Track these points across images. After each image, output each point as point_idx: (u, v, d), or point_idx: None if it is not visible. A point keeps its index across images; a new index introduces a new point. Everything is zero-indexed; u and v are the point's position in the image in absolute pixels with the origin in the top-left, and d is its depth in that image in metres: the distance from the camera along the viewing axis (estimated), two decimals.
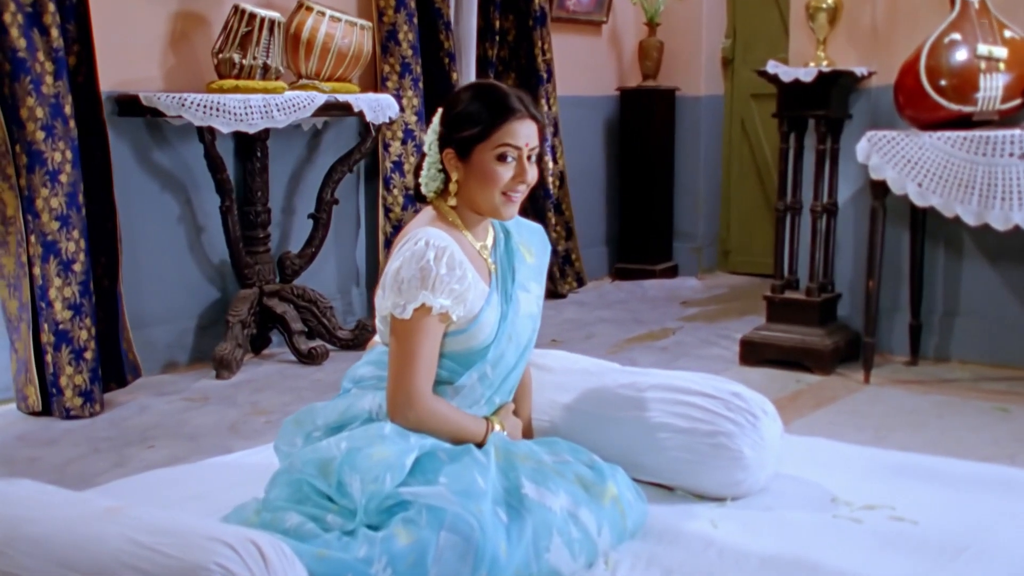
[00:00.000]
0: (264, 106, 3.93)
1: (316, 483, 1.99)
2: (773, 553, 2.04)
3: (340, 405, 2.17)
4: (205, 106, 3.80)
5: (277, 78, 4.08)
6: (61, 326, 3.51)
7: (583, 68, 6.20)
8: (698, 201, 6.61)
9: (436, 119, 2.14)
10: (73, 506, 1.74)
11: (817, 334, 4.18)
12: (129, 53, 3.97)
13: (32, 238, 3.47)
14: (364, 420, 2.12)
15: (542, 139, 2.16)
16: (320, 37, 4.18)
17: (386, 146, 4.84)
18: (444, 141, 2.11)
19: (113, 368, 3.78)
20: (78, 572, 1.58)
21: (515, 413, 2.35)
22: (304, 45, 4.19)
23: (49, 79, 3.47)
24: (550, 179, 5.71)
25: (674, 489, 2.37)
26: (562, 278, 5.83)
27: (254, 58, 3.95)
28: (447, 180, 2.13)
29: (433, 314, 2.02)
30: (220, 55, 3.95)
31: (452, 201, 2.12)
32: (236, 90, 3.92)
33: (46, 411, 3.55)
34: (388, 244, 4.76)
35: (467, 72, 5.33)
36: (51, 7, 3.47)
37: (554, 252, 5.75)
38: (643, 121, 6.35)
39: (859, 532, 2.16)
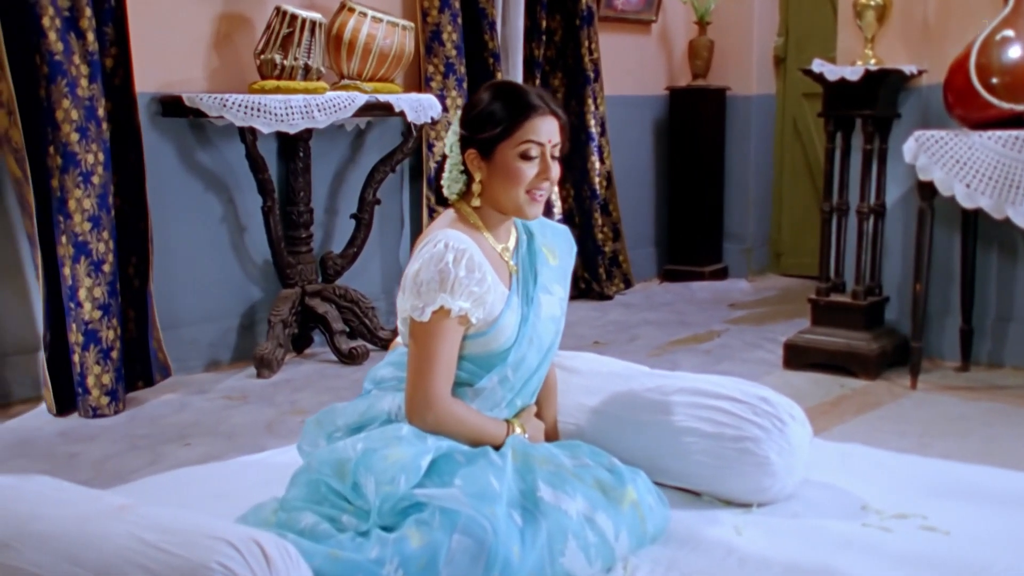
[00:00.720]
0: (305, 107, 3.95)
1: (333, 483, 2.00)
2: (796, 561, 2.00)
3: (360, 406, 2.16)
4: (246, 107, 3.83)
5: (319, 79, 4.09)
6: (90, 326, 3.55)
7: (632, 67, 6.15)
8: (749, 202, 6.53)
9: (455, 120, 2.13)
10: (84, 503, 1.75)
11: (863, 338, 4.09)
12: (173, 55, 4.01)
13: (64, 238, 3.51)
14: (383, 421, 2.12)
15: (564, 136, 2.13)
16: (362, 38, 4.19)
17: (430, 146, 4.85)
18: (466, 142, 2.09)
19: (142, 367, 3.82)
20: (85, 569, 1.59)
21: (539, 415, 2.33)
22: (346, 46, 4.20)
23: (84, 82, 3.52)
24: (596, 179, 5.67)
25: (700, 494, 2.34)
26: (609, 280, 5.79)
27: (295, 59, 3.97)
28: (469, 182, 2.12)
29: (452, 317, 2.01)
30: (262, 56, 3.98)
31: (476, 202, 2.11)
32: (277, 91, 3.95)
33: (65, 410, 3.59)
34: None
35: (514, 72, 5.32)
36: (88, 11, 3.52)
37: (601, 253, 5.71)
38: (693, 121, 6.28)
39: (887, 541, 2.10)
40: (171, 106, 3.91)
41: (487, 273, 2.04)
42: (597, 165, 5.67)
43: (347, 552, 1.83)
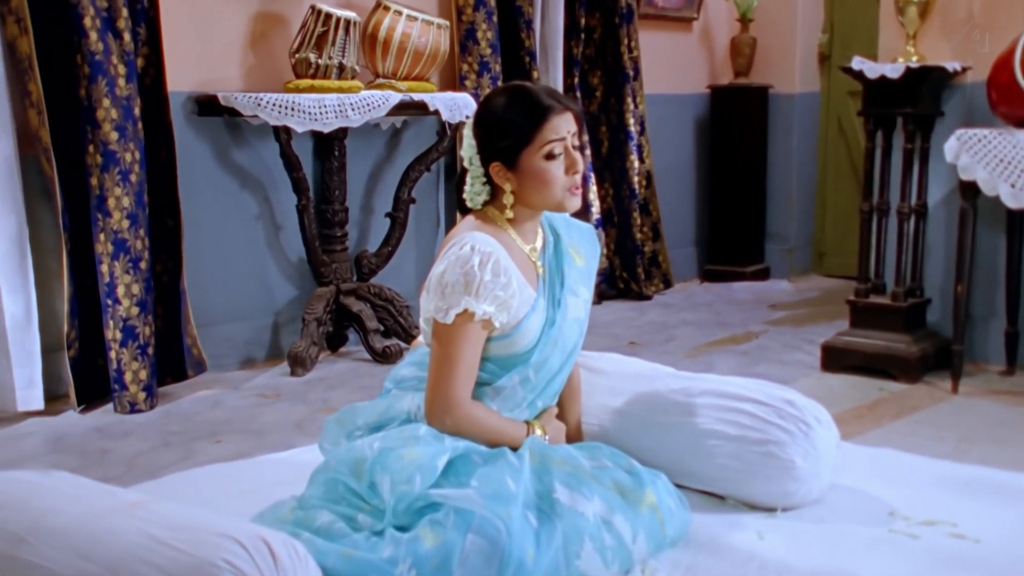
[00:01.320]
0: (339, 105, 3.96)
1: (350, 482, 2.00)
2: (818, 567, 1.96)
3: (380, 405, 2.16)
4: (280, 105, 3.85)
5: (353, 77, 4.10)
6: (128, 322, 3.59)
7: (672, 65, 6.10)
8: (791, 202, 6.44)
9: (468, 132, 2.09)
10: (98, 499, 1.76)
11: (903, 340, 4.02)
12: (209, 54, 4.05)
13: (102, 236, 3.55)
14: (403, 421, 2.11)
15: (580, 125, 2.11)
16: (397, 36, 4.19)
17: None
18: (487, 155, 2.07)
19: (174, 363, 3.85)
20: (95, 564, 1.59)
21: (561, 417, 2.31)
22: (381, 44, 4.21)
23: (122, 81, 3.56)
24: (636, 179, 5.63)
25: (725, 498, 2.30)
26: (648, 279, 5.75)
27: (330, 58, 3.98)
28: (493, 191, 2.10)
29: (475, 320, 1.99)
30: (297, 55, 4.00)
31: (509, 213, 2.09)
32: (312, 90, 3.96)
33: (93, 406, 3.62)
34: None
35: (553, 70, 5.30)
36: (124, 12, 3.56)
37: (640, 253, 5.67)
38: (734, 119, 6.21)
39: (914, 548, 2.06)
40: (207, 105, 3.94)
41: (512, 277, 2.03)
42: (636, 164, 5.63)
43: (361, 551, 1.83)
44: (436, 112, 4.33)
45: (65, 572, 1.61)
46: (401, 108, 4.22)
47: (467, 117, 4.51)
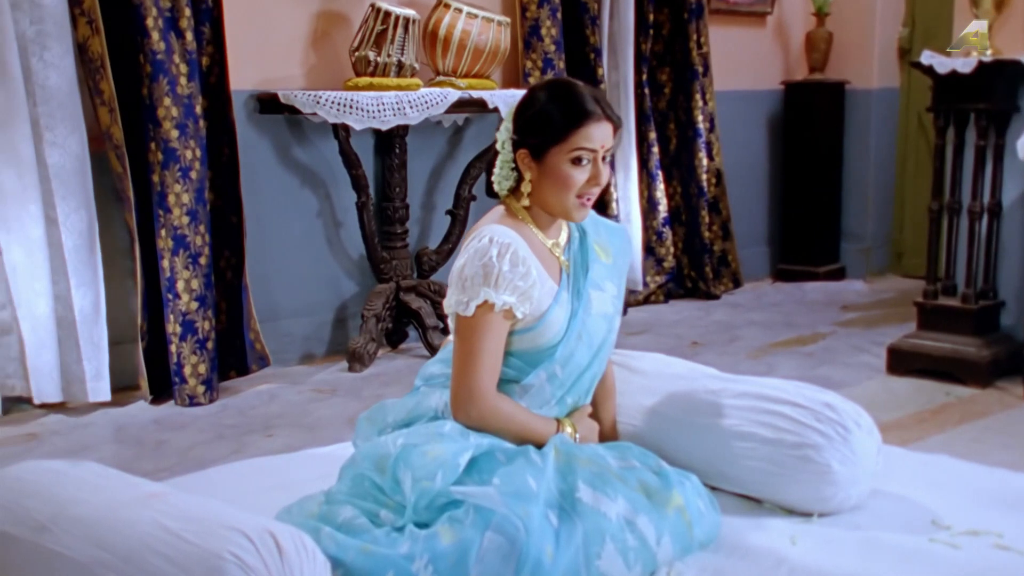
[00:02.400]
0: (397, 103, 3.98)
1: (375, 478, 2.01)
2: (850, 575, 1.90)
3: (409, 403, 2.17)
4: (339, 103, 3.88)
5: (413, 75, 4.12)
6: (187, 316, 3.66)
7: (745, 61, 6.00)
8: (868, 200, 6.28)
9: (508, 117, 2.11)
10: (120, 490, 1.79)
11: (973, 344, 3.88)
12: (272, 53, 4.10)
13: (163, 232, 3.63)
14: (430, 418, 2.12)
15: (616, 136, 2.09)
16: (457, 34, 4.20)
17: None
18: (518, 142, 2.08)
19: (237, 358, 3.91)
20: (110, 553, 1.62)
21: (596, 416, 2.28)
22: (441, 42, 4.21)
23: (183, 80, 3.62)
24: (704, 177, 5.54)
25: (762, 502, 2.25)
26: (716, 279, 5.66)
27: (388, 56, 4.00)
28: (520, 179, 2.10)
29: (496, 311, 2.00)
30: (356, 53, 4.03)
31: (525, 202, 2.10)
32: (371, 87, 3.99)
33: (161, 398, 3.70)
34: None
35: (624, 67, 5.26)
36: (187, 11, 3.63)
37: (708, 252, 5.59)
38: (809, 116, 6.08)
39: (954, 559, 1.99)
40: (268, 103, 3.99)
41: (532, 267, 2.03)
42: (705, 162, 5.54)
43: (380, 547, 1.83)
44: (495, 109, 4.32)
45: (82, 560, 1.64)
46: (460, 105, 4.22)
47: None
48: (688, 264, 5.60)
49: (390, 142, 4.29)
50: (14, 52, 3.33)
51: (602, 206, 5.07)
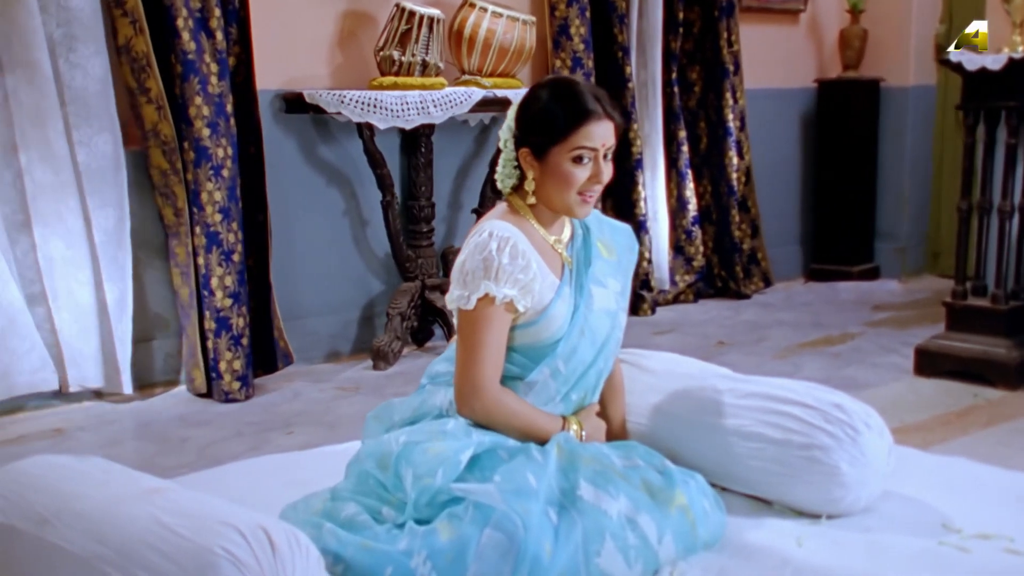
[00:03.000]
0: (420, 102, 3.99)
1: (378, 476, 2.02)
2: None
3: (415, 401, 2.19)
4: (363, 103, 3.90)
5: (438, 74, 4.13)
6: (222, 313, 3.70)
7: (778, 59, 5.94)
8: (903, 199, 6.20)
9: (511, 115, 2.13)
10: (122, 485, 1.81)
11: (1003, 345, 3.82)
12: (299, 52, 4.13)
13: (197, 229, 3.67)
14: (435, 416, 2.13)
15: (618, 135, 2.10)
16: (482, 33, 4.20)
17: None
18: (520, 140, 2.09)
19: (265, 355, 3.94)
20: (107, 547, 1.64)
21: (604, 415, 2.28)
22: (467, 41, 4.22)
23: (214, 79, 3.66)
24: (734, 175, 5.50)
25: (772, 503, 2.23)
26: (747, 278, 5.61)
27: (413, 55, 4.01)
28: (522, 176, 2.11)
29: (497, 304, 2.01)
30: (381, 53, 4.05)
31: (531, 199, 2.11)
32: (395, 87, 4.01)
33: (210, 393, 3.75)
34: None
35: (652, 66, 5.23)
36: (217, 11, 3.66)
37: (738, 251, 5.54)
38: (843, 114, 6.02)
39: (962, 562, 1.96)
40: (293, 102, 4.02)
41: (532, 261, 2.04)
42: (735, 160, 5.50)
43: (379, 543, 1.85)
44: None
45: (81, 554, 1.66)
46: (485, 104, 4.22)
47: None
48: (718, 263, 5.56)
49: (416, 141, 4.31)
50: (45, 52, 3.39)
51: (629, 205, 5.05)
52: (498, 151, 2.17)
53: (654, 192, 5.25)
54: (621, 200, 5.07)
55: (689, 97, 5.50)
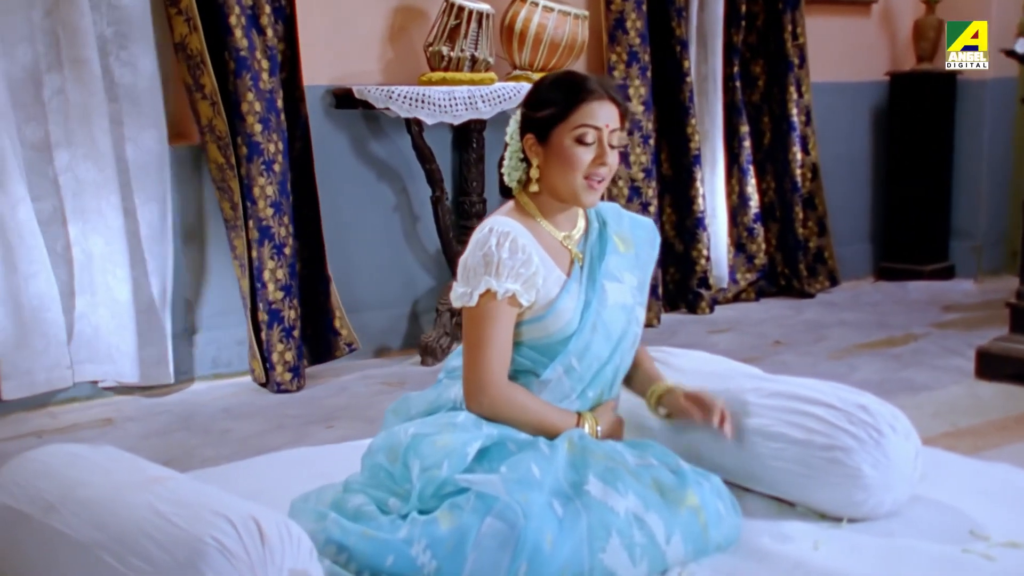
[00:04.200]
0: (469, 98, 3.99)
1: (388, 467, 2.03)
2: None
3: (431, 395, 2.20)
4: (411, 98, 3.91)
5: (487, 70, 4.11)
6: (274, 305, 3.75)
7: (847, 52, 5.79)
8: (980, 196, 5.99)
9: (517, 111, 2.14)
10: (127, 474, 1.84)
11: None
12: (350, 48, 4.15)
13: (250, 223, 3.72)
14: (449, 409, 2.14)
15: (624, 123, 2.09)
16: (533, 28, 4.18)
17: None
18: (524, 127, 2.10)
19: (323, 346, 3.98)
20: (105, 534, 1.67)
21: (650, 385, 2.21)
22: (517, 36, 4.20)
23: (265, 75, 3.71)
24: (799, 171, 5.38)
25: (795, 505, 2.18)
26: (811, 276, 5.48)
27: (462, 50, 4.01)
28: (528, 169, 2.09)
29: (499, 299, 2.02)
30: (430, 48, 4.05)
31: (534, 187, 2.10)
32: (443, 82, 4.00)
33: (267, 384, 3.81)
34: None
35: (713, 60, 5.15)
36: (267, 8, 3.71)
37: (802, 249, 5.42)
38: (916, 108, 5.82)
39: (984, 570, 1.90)
40: (343, 98, 4.05)
41: (532, 255, 2.04)
42: (800, 156, 5.38)
43: (381, 532, 1.88)
44: None
45: (82, 540, 1.69)
46: None
47: None
48: (782, 261, 5.44)
49: (467, 137, 4.30)
50: (94, 51, 3.46)
51: (687, 201, 4.98)
52: (505, 146, 2.16)
53: (713, 188, 5.16)
54: (678, 196, 5.00)
55: (752, 92, 5.39)
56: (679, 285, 5.08)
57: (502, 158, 2.15)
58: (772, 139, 5.41)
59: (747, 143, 5.27)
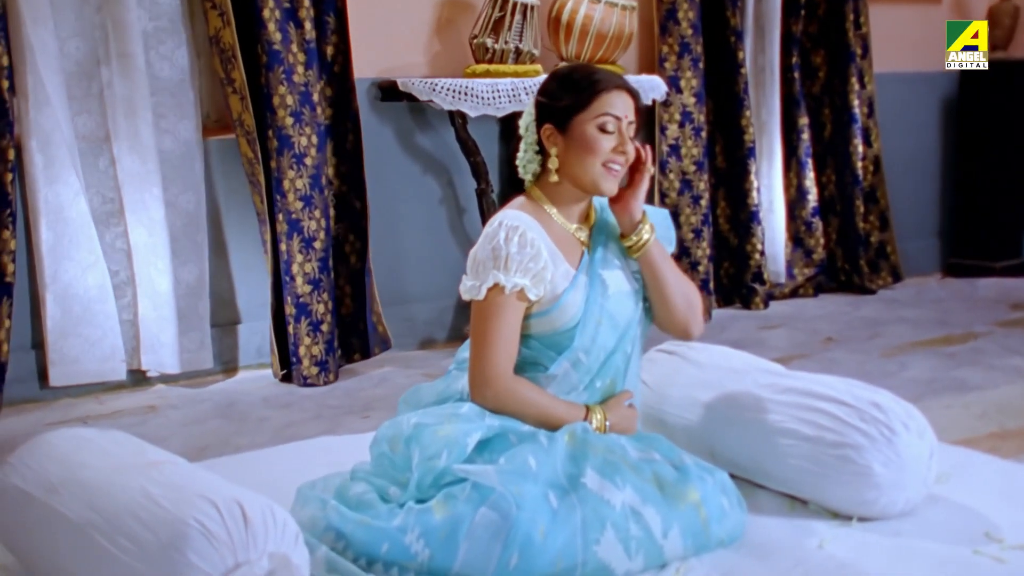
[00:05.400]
0: (512, 90, 3.97)
1: (391, 456, 2.05)
2: None
3: (440, 386, 2.22)
4: (454, 91, 3.92)
5: (532, 61, 4.10)
6: (301, 299, 3.78)
7: (914, 41, 5.63)
8: None
9: (530, 104, 2.15)
10: (127, 457, 1.88)
11: None
12: (396, 41, 4.17)
13: (280, 216, 3.76)
14: (457, 399, 2.15)
15: (638, 115, 2.09)
16: (579, 19, 4.15)
17: (663, 129, 4.71)
18: (542, 117, 2.10)
19: (361, 341, 4.01)
20: (99, 515, 1.72)
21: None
22: (564, 28, 4.18)
23: (300, 69, 3.73)
24: (860, 164, 5.25)
25: (807, 502, 2.14)
26: (873, 272, 5.35)
27: (506, 42, 4.00)
28: (543, 162, 2.08)
29: (507, 293, 2.02)
30: (475, 40, 4.05)
31: (553, 177, 2.10)
32: (487, 74, 4.00)
33: (289, 378, 3.84)
34: None
35: (770, 50, 5.06)
36: (306, 2, 3.73)
37: (864, 244, 5.29)
38: (989, 99, 5.63)
39: (993, 572, 1.83)
40: (388, 91, 4.07)
41: (542, 250, 2.04)
42: (861, 149, 5.25)
43: (378, 520, 1.90)
44: None
45: (78, 521, 1.74)
46: None
47: (653, 100, 4.41)
48: (842, 256, 5.32)
49: (514, 129, 4.29)
50: (140, 46, 3.54)
51: (742, 195, 4.90)
52: (518, 139, 2.16)
53: (770, 182, 5.07)
54: (732, 190, 4.93)
55: (813, 83, 5.28)
56: (733, 280, 5.01)
57: (515, 150, 2.15)
58: (833, 131, 5.28)
59: (806, 135, 5.17)
